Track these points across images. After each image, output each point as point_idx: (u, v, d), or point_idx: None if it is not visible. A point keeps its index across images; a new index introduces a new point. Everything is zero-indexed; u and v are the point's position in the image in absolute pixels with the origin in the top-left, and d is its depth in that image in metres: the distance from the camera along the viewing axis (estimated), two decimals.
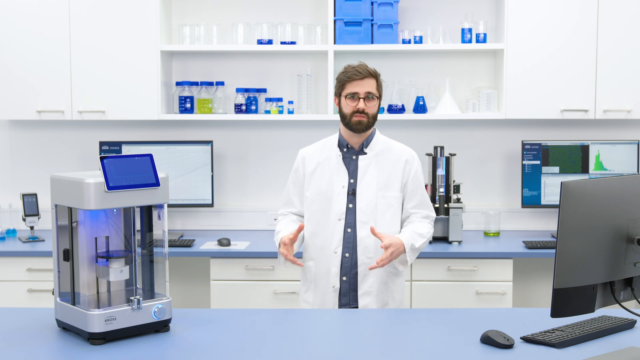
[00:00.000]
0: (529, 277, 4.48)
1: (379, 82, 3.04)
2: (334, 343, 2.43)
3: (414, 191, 3.06)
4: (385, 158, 3.06)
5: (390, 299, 3.05)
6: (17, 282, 4.03)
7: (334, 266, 3.02)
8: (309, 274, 3.10)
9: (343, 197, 3.02)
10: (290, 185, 3.17)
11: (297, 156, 3.17)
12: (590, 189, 2.20)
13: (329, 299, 3.03)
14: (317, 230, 3.06)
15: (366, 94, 2.99)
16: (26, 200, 4.22)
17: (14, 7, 4.22)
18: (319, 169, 3.08)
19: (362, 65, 3.04)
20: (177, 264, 4.47)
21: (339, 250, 3.01)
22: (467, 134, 4.52)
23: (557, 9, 4.15)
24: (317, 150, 3.13)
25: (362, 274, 3.01)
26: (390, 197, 3.03)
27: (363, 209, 3.01)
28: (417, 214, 3.06)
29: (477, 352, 2.30)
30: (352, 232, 3.01)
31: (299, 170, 3.14)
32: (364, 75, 2.99)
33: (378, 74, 3.05)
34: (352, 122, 2.99)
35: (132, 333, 2.40)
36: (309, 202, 3.08)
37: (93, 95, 4.25)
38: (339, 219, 3.02)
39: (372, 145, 3.07)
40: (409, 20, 4.46)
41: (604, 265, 2.22)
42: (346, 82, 3.00)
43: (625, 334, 2.45)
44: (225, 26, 4.46)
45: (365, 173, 3.03)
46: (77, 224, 2.45)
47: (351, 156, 3.06)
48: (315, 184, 3.07)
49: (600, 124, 4.46)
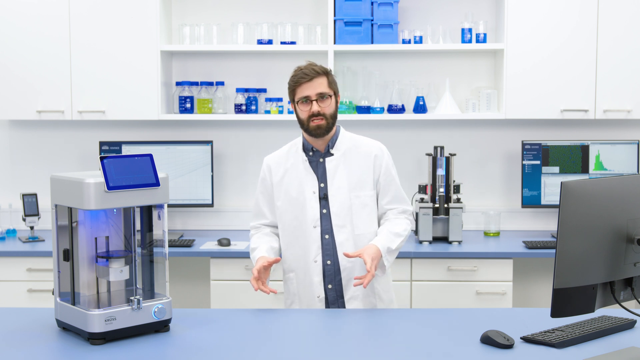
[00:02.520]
0: (529, 277, 4.48)
1: (330, 78, 2.91)
2: (334, 342, 2.42)
3: (387, 186, 2.96)
4: (354, 156, 2.95)
5: (378, 300, 2.98)
6: (17, 282, 4.03)
7: (316, 275, 2.93)
8: (291, 287, 3.00)
9: (315, 202, 2.92)
10: (259, 196, 3.04)
11: (262, 165, 3.04)
12: (590, 189, 2.20)
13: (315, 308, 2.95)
14: (292, 240, 2.95)
15: (318, 95, 2.86)
16: (26, 200, 4.22)
17: (14, 7, 4.22)
18: (287, 176, 2.96)
19: (309, 65, 2.91)
20: (177, 264, 4.47)
21: (319, 259, 2.92)
22: (467, 134, 4.52)
23: (557, 9, 4.15)
24: (283, 156, 3.00)
25: (345, 280, 2.92)
26: (364, 196, 2.93)
27: (337, 213, 2.91)
28: (393, 210, 2.97)
29: (477, 352, 2.30)
30: (330, 238, 2.92)
31: (266, 179, 3.01)
32: (312, 76, 2.86)
33: (328, 70, 2.92)
34: (311, 127, 2.87)
35: (132, 333, 2.40)
36: (281, 211, 2.97)
37: (93, 95, 4.25)
38: (314, 226, 2.91)
39: (338, 145, 2.95)
40: (409, 20, 4.46)
41: (604, 265, 2.22)
42: (295, 86, 2.89)
43: (625, 334, 2.45)
44: (225, 26, 4.46)
45: (334, 175, 2.93)
46: (77, 224, 2.45)
47: (318, 159, 2.95)
48: (285, 192, 2.96)
49: (600, 124, 4.46)
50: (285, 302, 3.06)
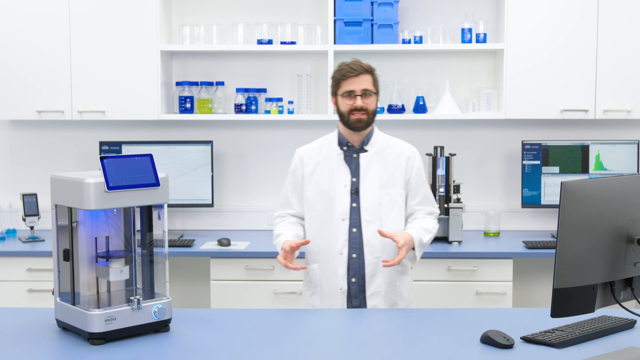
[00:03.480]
0: (529, 277, 4.48)
1: (374, 77, 3.00)
2: (333, 343, 2.43)
3: (417, 187, 3.04)
4: (387, 155, 3.02)
5: (399, 298, 3.03)
6: (17, 282, 4.03)
7: (340, 268, 2.97)
8: (313, 277, 3.04)
9: (346, 196, 2.98)
10: (288, 187, 3.10)
11: (293, 156, 3.11)
12: (590, 189, 2.20)
13: (336, 302, 2.97)
14: (320, 231, 3.00)
15: (362, 90, 2.95)
16: (26, 200, 4.22)
17: (14, 7, 4.22)
18: (319, 168, 3.03)
19: (356, 61, 2.98)
20: (177, 264, 4.47)
21: (345, 251, 2.97)
22: (467, 134, 4.52)
23: (557, 9, 4.15)
24: (315, 149, 3.07)
25: (369, 275, 2.97)
26: (395, 195, 3.00)
27: (368, 208, 2.97)
28: (421, 211, 3.04)
29: (477, 352, 2.30)
30: (358, 232, 2.97)
31: (297, 170, 3.07)
32: (359, 72, 2.94)
33: (373, 69, 3.00)
34: (351, 120, 2.95)
35: (132, 333, 2.40)
36: (310, 202, 3.03)
37: (93, 95, 4.25)
38: (343, 219, 2.97)
39: (373, 143, 3.03)
40: (409, 20, 4.46)
41: (604, 265, 2.22)
42: (341, 80, 2.96)
43: (625, 334, 2.45)
44: (225, 26, 4.46)
45: (367, 171, 2.99)
46: (77, 224, 2.45)
47: (352, 154, 3.02)
48: (315, 184, 3.02)
49: (600, 124, 4.46)
50: (304, 293, 3.09)
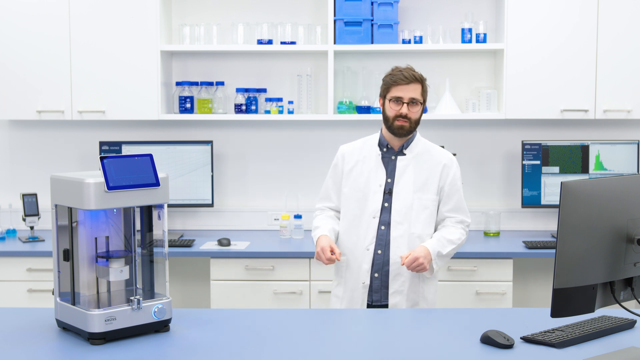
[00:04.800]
0: (529, 277, 4.48)
1: (424, 87, 3.04)
2: (332, 343, 2.42)
3: (450, 195, 3.07)
4: (424, 161, 3.08)
5: (422, 299, 3.06)
6: (17, 282, 4.03)
7: (365, 263, 3.03)
8: (340, 269, 3.13)
9: (379, 195, 3.04)
10: (329, 181, 3.19)
11: (337, 152, 3.19)
12: (590, 189, 2.20)
13: (358, 294, 3.05)
14: (351, 227, 3.08)
15: (410, 99, 2.99)
16: (26, 200, 4.22)
17: (14, 7, 4.22)
18: (358, 166, 3.11)
19: (409, 69, 3.04)
20: (177, 264, 4.47)
21: (372, 247, 3.03)
22: (467, 134, 4.52)
23: (557, 9, 4.15)
24: (357, 147, 3.16)
25: (393, 273, 3.02)
26: (426, 199, 3.04)
27: (398, 209, 3.03)
28: (452, 218, 3.08)
29: (477, 352, 2.30)
30: (386, 230, 3.03)
31: (338, 166, 3.16)
32: (410, 81, 2.99)
33: (424, 79, 3.05)
34: (395, 126, 3.02)
35: (132, 333, 2.40)
36: (346, 198, 3.12)
37: (93, 95, 4.25)
38: (374, 217, 3.04)
39: (412, 147, 3.09)
40: (409, 20, 4.46)
41: (604, 265, 2.22)
42: (392, 85, 3.01)
43: (625, 334, 2.45)
44: (225, 26, 4.46)
45: (403, 173, 3.05)
46: (77, 224, 2.45)
47: (390, 156, 3.09)
48: (353, 180, 3.11)
49: (600, 124, 4.46)
50: (333, 281, 3.20)
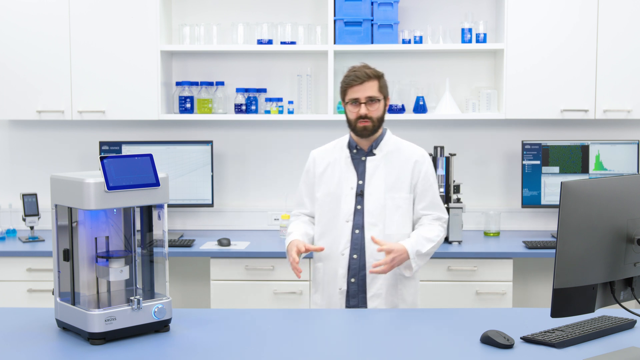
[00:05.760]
0: (529, 277, 4.48)
1: (381, 82, 3.01)
2: (333, 343, 2.43)
3: (424, 192, 3.04)
4: (395, 159, 3.04)
5: (401, 301, 3.03)
6: (17, 282, 4.03)
7: (341, 268, 3.00)
8: (318, 276, 3.10)
9: (351, 198, 3.01)
10: (302, 186, 3.16)
11: (308, 157, 3.16)
12: (590, 189, 2.20)
13: (335, 300, 3.01)
14: (325, 231, 3.05)
15: (367, 98, 2.96)
16: (26, 200, 4.22)
17: (14, 7, 4.22)
18: (329, 170, 3.07)
19: (362, 68, 3.00)
20: (177, 264, 4.47)
21: (347, 252, 2.99)
22: (467, 134, 4.52)
23: (557, 9, 4.15)
24: (328, 151, 3.13)
25: (370, 276, 2.98)
26: (399, 198, 3.01)
27: (371, 211, 2.99)
28: (428, 216, 3.04)
29: (477, 352, 2.30)
30: (360, 234, 3.00)
31: (310, 171, 3.13)
32: (364, 80, 2.96)
33: (380, 74, 3.02)
34: (358, 128, 2.99)
35: (132, 333, 2.40)
36: (319, 203, 3.08)
37: (93, 95, 4.25)
38: (347, 221, 3.00)
39: (381, 146, 3.05)
40: (409, 20, 4.46)
41: (604, 265, 2.22)
42: (347, 88, 2.99)
43: (625, 334, 2.45)
44: (225, 26, 4.46)
45: (373, 174, 3.02)
46: (77, 224, 2.45)
47: (360, 157, 3.06)
48: (325, 184, 3.07)
49: (600, 124, 4.46)
50: (311, 290, 3.18)
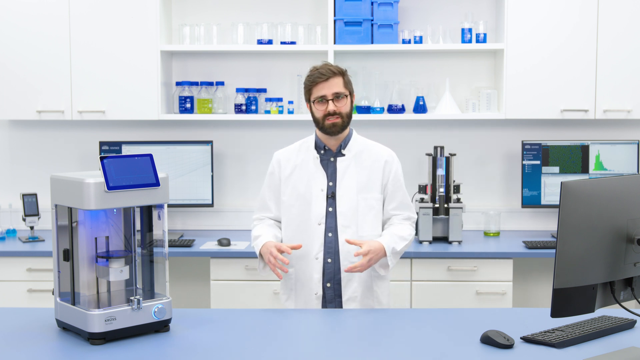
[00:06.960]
0: (529, 277, 4.48)
1: (346, 79, 2.95)
2: (335, 342, 2.42)
3: (394, 192, 3.00)
4: (365, 159, 2.99)
5: (376, 303, 3.00)
6: (17, 282, 4.03)
7: (316, 272, 2.94)
8: (289, 282, 3.02)
9: (322, 200, 2.95)
10: (266, 190, 3.08)
11: (271, 159, 3.08)
12: (590, 189, 2.20)
13: (312, 306, 2.96)
14: (295, 235, 2.97)
15: (334, 94, 2.90)
16: (26, 200, 4.22)
17: (14, 7, 4.22)
18: (296, 172, 3.00)
19: (325, 65, 2.95)
20: (177, 264, 4.47)
21: (320, 256, 2.94)
22: (467, 134, 4.52)
23: (557, 9, 4.15)
24: (293, 152, 3.05)
25: (345, 280, 2.94)
26: (371, 199, 2.97)
27: (344, 213, 2.94)
28: (398, 216, 3.00)
29: (477, 352, 2.30)
30: (334, 237, 2.95)
31: (275, 174, 3.05)
32: (328, 76, 2.90)
33: (343, 70, 2.96)
34: (326, 125, 2.91)
35: (132, 333, 2.40)
36: (287, 206, 3.00)
37: (93, 95, 4.25)
38: (319, 224, 2.94)
39: (350, 146, 3.00)
40: (409, 20, 4.46)
41: (604, 265, 2.22)
42: (312, 86, 2.92)
43: (625, 334, 2.45)
44: (225, 26, 4.46)
45: (344, 175, 2.96)
46: (77, 224, 2.45)
47: (329, 158, 2.99)
48: (292, 187, 2.99)
49: (600, 124, 4.46)
50: (281, 296, 3.08)
